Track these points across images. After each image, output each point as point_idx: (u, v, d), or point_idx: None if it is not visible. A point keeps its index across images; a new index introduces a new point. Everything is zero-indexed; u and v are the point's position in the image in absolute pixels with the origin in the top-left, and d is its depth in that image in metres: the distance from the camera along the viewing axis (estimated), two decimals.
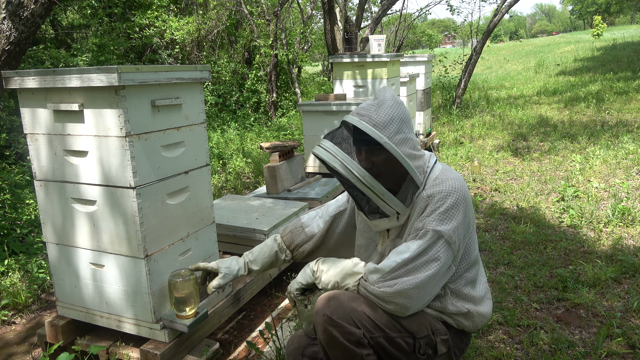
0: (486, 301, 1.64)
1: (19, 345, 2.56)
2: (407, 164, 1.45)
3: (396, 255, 1.44)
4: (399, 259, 1.42)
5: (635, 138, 6.09)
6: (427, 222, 1.45)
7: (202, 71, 2.06)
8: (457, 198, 1.46)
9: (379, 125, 1.44)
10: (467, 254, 1.55)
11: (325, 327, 1.44)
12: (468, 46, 16.75)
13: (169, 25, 8.95)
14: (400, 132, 1.45)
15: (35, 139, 1.96)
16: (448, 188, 1.47)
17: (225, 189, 5.23)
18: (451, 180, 1.49)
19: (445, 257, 1.44)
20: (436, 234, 1.43)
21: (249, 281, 2.46)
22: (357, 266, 1.51)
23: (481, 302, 1.61)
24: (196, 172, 2.11)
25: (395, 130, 1.44)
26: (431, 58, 6.37)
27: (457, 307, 1.56)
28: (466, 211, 1.48)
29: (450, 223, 1.44)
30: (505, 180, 4.96)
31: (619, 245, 3.24)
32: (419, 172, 1.50)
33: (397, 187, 1.51)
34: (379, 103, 1.48)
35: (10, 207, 3.91)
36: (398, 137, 1.44)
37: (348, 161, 1.45)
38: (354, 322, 1.43)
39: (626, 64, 14.08)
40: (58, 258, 2.07)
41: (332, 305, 1.45)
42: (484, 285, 1.63)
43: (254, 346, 2.11)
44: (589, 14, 62.54)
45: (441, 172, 1.55)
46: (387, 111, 1.46)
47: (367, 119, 1.45)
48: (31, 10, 3.17)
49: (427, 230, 1.44)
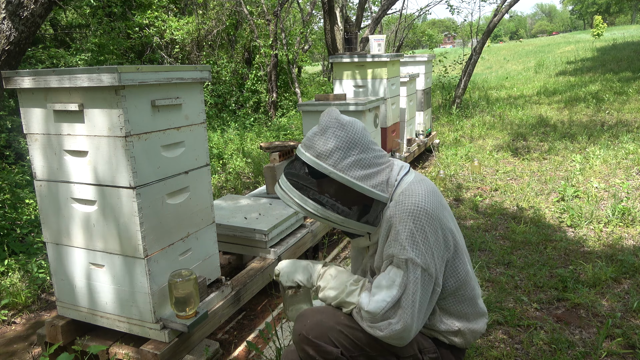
0: (479, 318, 1.59)
1: (19, 345, 2.56)
2: (360, 188, 1.42)
3: (382, 291, 1.40)
4: (388, 299, 1.38)
5: (635, 138, 6.08)
6: (396, 251, 1.39)
7: (202, 71, 2.06)
8: (419, 218, 1.38)
9: (323, 155, 1.41)
10: (453, 271, 1.49)
11: (302, 346, 1.46)
12: (468, 46, 16.77)
13: (168, 25, 8.95)
14: (348, 157, 1.41)
15: (35, 139, 1.96)
16: (409, 208, 1.39)
17: (225, 189, 5.22)
18: (415, 196, 1.41)
19: (425, 284, 1.39)
20: (410, 262, 1.36)
21: (249, 281, 2.46)
22: (352, 295, 1.48)
23: (474, 319, 1.57)
24: (196, 172, 2.11)
25: (340, 156, 1.41)
26: (431, 58, 6.36)
27: (447, 325, 1.53)
28: (435, 229, 1.40)
29: (418, 248, 1.37)
30: (505, 180, 4.96)
31: (619, 245, 3.24)
32: (380, 189, 1.45)
33: (366, 207, 1.46)
34: (321, 130, 1.45)
35: (10, 207, 3.91)
36: (345, 162, 1.41)
37: (300, 198, 1.44)
38: (331, 341, 1.43)
39: (626, 64, 14.07)
40: (58, 258, 2.07)
41: (309, 324, 1.46)
42: (476, 301, 1.57)
43: (254, 346, 2.11)
44: (589, 14, 62.58)
45: (408, 185, 1.46)
46: (329, 138, 1.42)
47: (312, 150, 1.43)
48: (31, 10, 3.17)
49: (400, 260, 1.38)
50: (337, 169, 1.41)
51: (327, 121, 1.47)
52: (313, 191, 1.45)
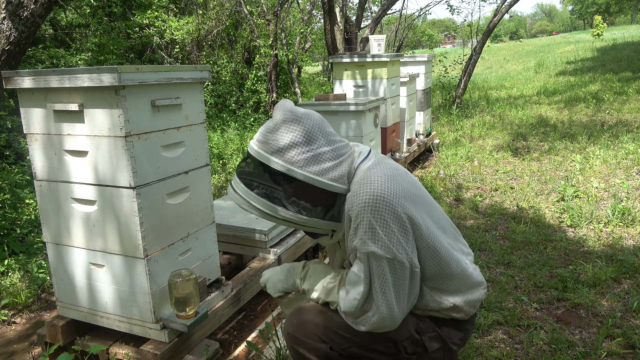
0: (474, 288, 1.49)
1: (19, 345, 2.56)
2: (320, 183, 1.34)
3: (352, 288, 1.36)
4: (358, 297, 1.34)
5: (635, 138, 6.08)
6: (358, 245, 1.32)
7: (202, 71, 2.06)
8: (377, 208, 1.29)
9: (277, 151, 1.32)
10: (432, 254, 1.39)
11: (291, 345, 1.47)
12: (468, 46, 16.76)
13: (168, 25, 8.95)
14: (305, 152, 1.32)
15: (35, 139, 1.96)
16: (365, 198, 1.30)
17: (225, 189, 5.23)
18: (370, 184, 1.32)
19: (397, 272, 1.32)
20: (372, 255, 1.30)
21: (249, 281, 2.46)
22: (332, 294, 1.48)
23: (468, 291, 1.47)
24: (196, 172, 2.11)
25: (297, 151, 1.32)
26: (431, 58, 6.36)
27: (439, 304, 1.44)
28: (397, 216, 1.30)
29: (380, 239, 1.29)
30: (505, 180, 4.96)
31: (619, 245, 3.24)
32: (341, 182, 1.37)
33: (329, 203, 1.38)
34: (274, 125, 1.36)
35: (10, 207, 3.91)
36: (301, 157, 1.32)
37: (256, 200, 1.34)
38: (319, 338, 1.43)
39: (626, 64, 14.07)
40: (58, 258, 2.07)
41: (295, 323, 1.47)
42: (466, 274, 1.46)
43: (254, 346, 2.11)
44: (589, 14, 62.61)
45: (364, 172, 1.37)
46: (284, 133, 1.33)
47: (266, 146, 1.34)
48: (31, 10, 3.17)
49: (362, 254, 1.31)
50: (294, 165, 1.32)
51: (281, 114, 1.37)
52: (269, 191, 1.34)
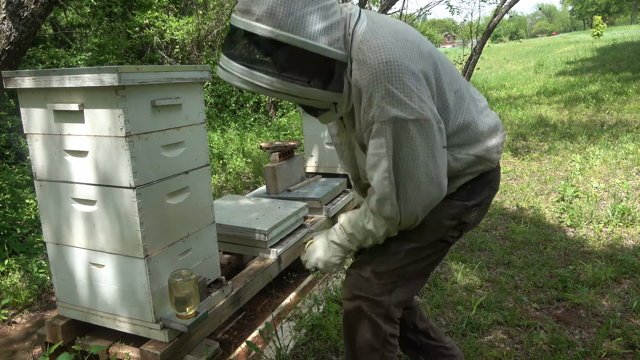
0: (492, 134, 1.43)
1: (20, 345, 2.56)
2: (315, 48, 1.19)
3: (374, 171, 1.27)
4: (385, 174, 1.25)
5: (635, 138, 6.09)
6: (377, 114, 1.21)
7: (202, 71, 2.06)
8: (392, 73, 1.19)
9: (264, 18, 1.17)
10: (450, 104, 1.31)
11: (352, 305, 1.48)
12: (468, 46, 16.74)
13: (168, 25, 8.95)
14: (293, 12, 1.17)
15: (35, 139, 1.96)
16: (376, 67, 1.19)
17: (225, 189, 5.23)
18: (377, 51, 1.21)
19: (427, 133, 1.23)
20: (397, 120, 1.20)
21: (249, 281, 2.46)
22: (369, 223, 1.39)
23: (486, 139, 1.41)
24: (196, 172, 2.11)
25: (284, 13, 1.16)
26: None
27: (463, 162, 1.37)
28: (413, 73, 1.20)
29: (401, 102, 1.19)
30: (505, 180, 4.96)
31: (619, 245, 3.24)
32: (338, 46, 1.23)
33: (327, 71, 1.25)
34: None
35: (10, 207, 3.91)
36: (290, 19, 1.17)
37: (248, 74, 1.21)
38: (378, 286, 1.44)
39: (626, 64, 14.07)
40: (58, 258, 2.07)
41: (351, 282, 1.50)
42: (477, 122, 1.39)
43: (254, 346, 2.11)
44: (589, 14, 62.64)
45: (364, 37, 1.24)
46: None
47: (249, 14, 1.18)
48: (31, 10, 3.17)
49: (383, 122, 1.21)
50: (283, 29, 1.17)
51: None
52: (261, 62, 1.21)
